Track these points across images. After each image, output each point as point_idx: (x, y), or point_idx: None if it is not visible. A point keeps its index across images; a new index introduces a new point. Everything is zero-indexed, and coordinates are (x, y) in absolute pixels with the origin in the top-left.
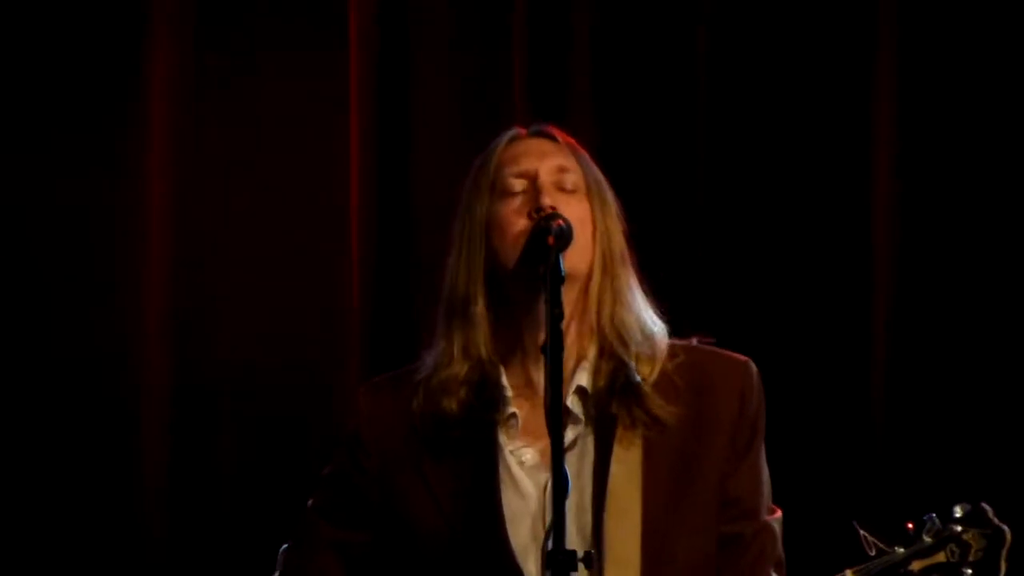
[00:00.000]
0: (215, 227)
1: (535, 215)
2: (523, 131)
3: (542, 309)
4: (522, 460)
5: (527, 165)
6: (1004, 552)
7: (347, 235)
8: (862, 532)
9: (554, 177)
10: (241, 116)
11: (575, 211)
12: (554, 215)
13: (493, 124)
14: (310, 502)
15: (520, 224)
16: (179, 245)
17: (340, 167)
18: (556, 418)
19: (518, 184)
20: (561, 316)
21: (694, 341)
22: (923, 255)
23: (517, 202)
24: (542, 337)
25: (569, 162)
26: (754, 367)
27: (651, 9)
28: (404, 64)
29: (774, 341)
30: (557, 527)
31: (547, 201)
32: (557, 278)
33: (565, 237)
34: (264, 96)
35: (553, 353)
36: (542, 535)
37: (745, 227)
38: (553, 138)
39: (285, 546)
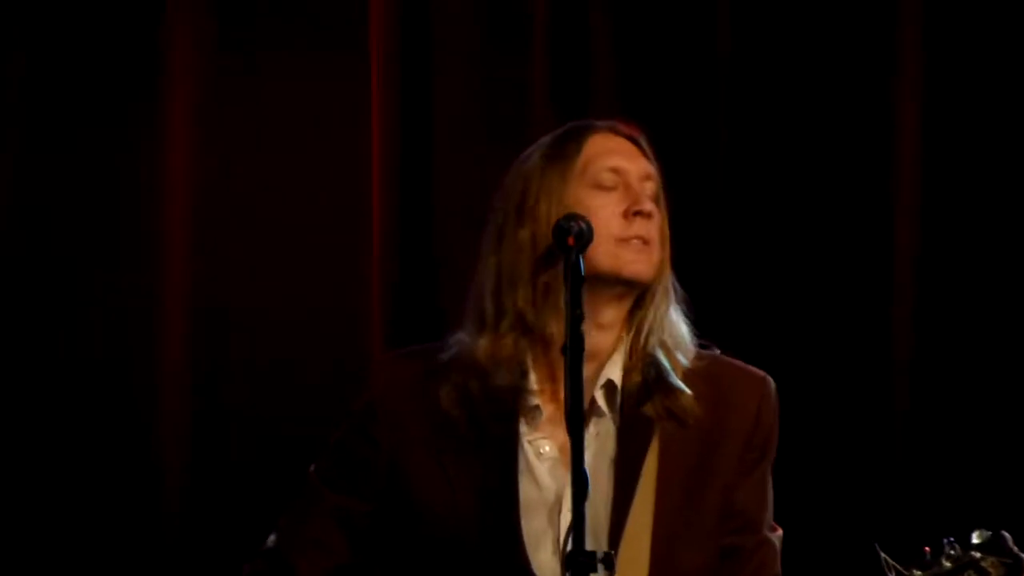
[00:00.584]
0: (236, 226)
1: (631, 216)
2: (603, 123)
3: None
4: (541, 452)
5: (621, 163)
6: None
7: (369, 235)
8: (883, 555)
9: (642, 184)
10: (264, 116)
11: (658, 222)
12: (574, 215)
13: (515, 124)
14: (312, 467)
15: (616, 225)
16: (198, 243)
17: (362, 167)
18: (577, 421)
19: (609, 179)
20: (582, 317)
21: (717, 351)
22: (946, 258)
23: (612, 198)
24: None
25: (651, 170)
26: (772, 384)
27: (672, 6)
28: (426, 65)
29: (793, 344)
30: (577, 528)
31: (648, 207)
32: (578, 279)
33: (585, 238)
34: (287, 96)
35: (573, 354)
36: (555, 527)
37: (766, 229)
38: (639, 143)
39: None
